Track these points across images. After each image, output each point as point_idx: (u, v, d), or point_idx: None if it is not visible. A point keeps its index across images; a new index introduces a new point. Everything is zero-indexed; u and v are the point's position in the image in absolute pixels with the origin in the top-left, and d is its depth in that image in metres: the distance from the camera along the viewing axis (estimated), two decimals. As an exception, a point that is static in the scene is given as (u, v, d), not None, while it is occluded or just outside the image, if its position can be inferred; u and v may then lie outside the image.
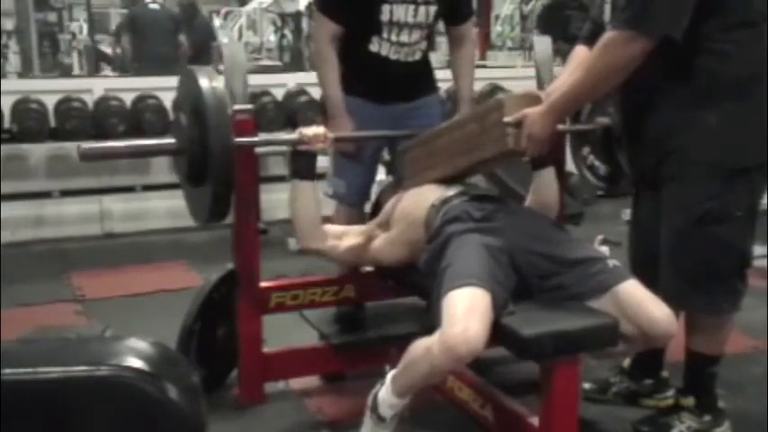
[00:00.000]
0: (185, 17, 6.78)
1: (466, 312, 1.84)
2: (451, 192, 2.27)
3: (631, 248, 2.49)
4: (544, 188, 2.37)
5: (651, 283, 2.06)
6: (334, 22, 2.64)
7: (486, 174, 2.79)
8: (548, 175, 2.36)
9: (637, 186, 2.46)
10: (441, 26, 2.99)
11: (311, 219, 2.35)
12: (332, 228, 2.44)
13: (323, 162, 2.84)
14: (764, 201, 2.85)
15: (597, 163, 2.61)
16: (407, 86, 2.74)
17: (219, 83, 2.25)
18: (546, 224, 2.25)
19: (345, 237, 2.41)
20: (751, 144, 2.15)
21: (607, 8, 2.24)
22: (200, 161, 2.23)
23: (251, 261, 2.53)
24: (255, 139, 2.42)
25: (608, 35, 2.05)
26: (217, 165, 2.19)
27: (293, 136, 2.33)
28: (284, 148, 2.52)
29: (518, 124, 2.12)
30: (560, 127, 2.27)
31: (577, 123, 2.53)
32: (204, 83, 2.22)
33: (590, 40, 2.24)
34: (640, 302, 1.98)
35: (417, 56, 2.73)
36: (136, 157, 4.20)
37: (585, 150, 2.60)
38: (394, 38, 2.64)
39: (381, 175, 3.03)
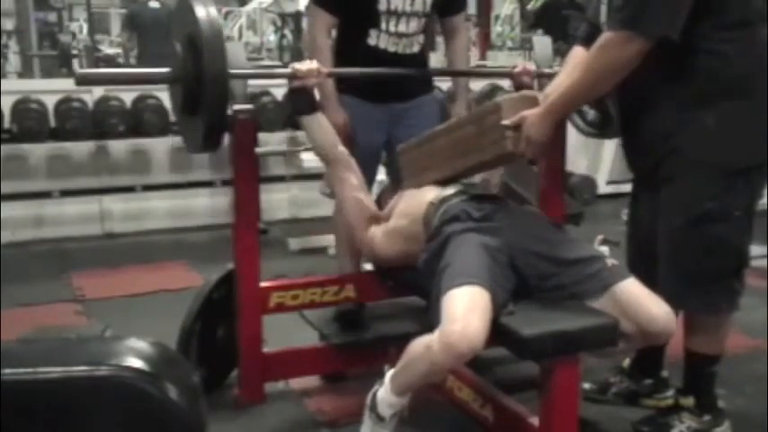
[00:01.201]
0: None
1: (466, 310, 1.84)
2: (450, 191, 2.27)
3: (629, 248, 2.49)
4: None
5: (649, 282, 2.06)
6: (330, 13, 2.65)
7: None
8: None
9: (635, 186, 2.46)
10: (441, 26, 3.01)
11: (330, 141, 2.42)
12: (358, 172, 2.44)
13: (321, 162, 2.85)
14: (764, 201, 2.85)
15: (586, 108, 2.62)
16: (405, 84, 2.74)
17: (214, 11, 2.25)
18: (545, 224, 2.25)
19: (363, 192, 2.45)
20: (749, 144, 2.15)
21: (603, 9, 2.24)
22: (194, 89, 2.23)
23: (251, 261, 2.53)
24: (248, 71, 2.41)
25: (605, 36, 2.05)
26: (211, 92, 2.19)
27: (287, 70, 2.34)
28: (284, 148, 2.52)
29: (516, 127, 2.13)
30: (544, 70, 2.28)
31: None
32: (200, 11, 2.22)
33: (587, 41, 2.24)
34: (639, 301, 1.99)
35: (415, 48, 2.73)
36: (132, 84, 4.15)
37: None
38: (392, 28, 2.64)
39: (381, 175, 3.03)
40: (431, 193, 2.27)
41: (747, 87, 2.12)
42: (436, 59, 5.74)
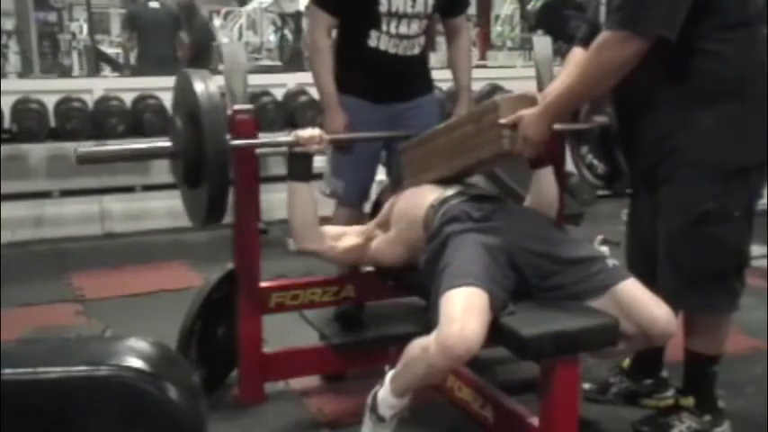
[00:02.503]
0: (184, 17, 6.77)
1: (463, 311, 1.84)
2: (450, 192, 2.27)
3: (628, 248, 2.49)
4: (544, 188, 2.36)
5: (648, 282, 2.06)
6: (330, 14, 2.64)
7: (485, 173, 2.79)
8: (547, 176, 2.36)
9: (634, 186, 2.46)
10: (441, 27, 3.01)
11: (308, 220, 2.34)
12: (330, 229, 2.44)
13: (320, 162, 2.85)
14: (764, 201, 2.84)
15: (596, 162, 2.60)
16: (405, 84, 2.74)
17: (214, 86, 2.25)
18: (545, 224, 2.25)
19: (344, 237, 2.41)
20: (749, 144, 2.15)
21: (603, 9, 2.24)
22: (195, 163, 2.23)
23: (251, 261, 2.53)
24: (251, 141, 2.42)
25: (603, 36, 2.05)
26: (212, 167, 2.19)
27: (289, 138, 2.33)
28: (284, 148, 2.52)
29: (513, 126, 2.13)
30: (557, 126, 2.27)
31: (575, 122, 2.53)
32: (199, 86, 2.22)
33: (586, 42, 2.24)
34: (640, 301, 1.99)
35: (416, 50, 2.73)
36: (132, 161, 4.19)
37: (584, 149, 2.60)
38: (393, 30, 2.64)
39: (381, 175, 3.03)
40: (431, 196, 2.27)
41: (746, 88, 2.12)
42: (436, 60, 5.74)
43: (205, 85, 2.22)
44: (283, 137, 2.43)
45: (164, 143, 2.37)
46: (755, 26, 2.13)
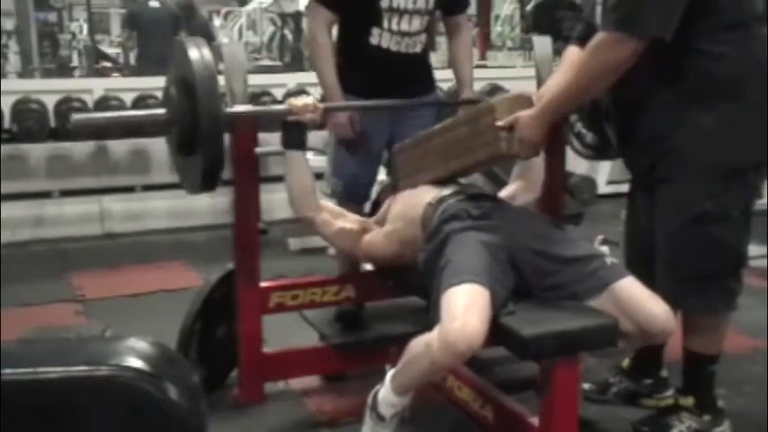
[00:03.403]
0: (183, 17, 6.78)
1: (465, 308, 1.84)
2: (447, 191, 2.27)
3: (626, 247, 2.49)
4: (531, 164, 2.37)
5: (647, 282, 2.06)
6: (331, 10, 2.63)
7: (484, 172, 2.79)
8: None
9: (632, 186, 2.46)
10: (441, 26, 3.01)
11: (304, 188, 2.38)
12: (330, 205, 2.45)
13: (321, 162, 2.85)
14: (764, 201, 2.85)
15: (584, 131, 2.62)
16: (407, 83, 2.73)
17: (209, 53, 2.25)
18: (544, 222, 2.26)
19: (341, 218, 2.42)
20: (746, 144, 2.15)
21: (599, 9, 2.24)
22: (190, 131, 2.23)
23: (251, 261, 2.53)
24: (245, 109, 2.41)
25: (598, 37, 2.05)
26: (207, 134, 2.19)
27: (282, 107, 2.34)
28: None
29: (510, 128, 2.13)
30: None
31: None
32: (193, 53, 2.21)
33: (582, 41, 2.24)
34: (639, 299, 1.99)
35: (418, 48, 2.72)
36: (127, 128, 4.17)
37: (573, 118, 2.62)
38: (395, 26, 2.63)
39: (381, 175, 3.03)
40: (428, 195, 2.27)
41: (744, 88, 2.12)
42: (436, 59, 5.74)
43: (200, 53, 2.22)
44: (276, 107, 2.42)
45: (158, 111, 2.37)
46: (753, 26, 2.14)
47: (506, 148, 2.15)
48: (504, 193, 2.45)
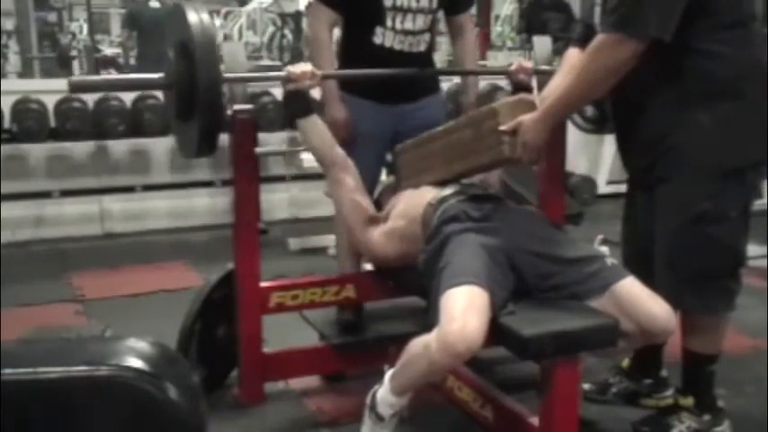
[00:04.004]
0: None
1: (464, 310, 1.84)
2: (448, 191, 2.27)
3: (625, 247, 2.49)
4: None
5: (645, 282, 2.06)
6: (333, 9, 2.63)
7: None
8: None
9: (630, 186, 2.46)
10: (441, 26, 3.00)
11: (327, 143, 2.41)
12: (356, 174, 2.44)
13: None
14: (763, 201, 2.85)
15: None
16: (411, 83, 2.72)
17: (208, 17, 2.25)
18: (544, 223, 2.26)
19: (359, 194, 2.43)
20: (745, 144, 2.15)
21: (597, 9, 2.24)
22: (188, 95, 2.23)
23: (251, 261, 2.53)
24: (243, 75, 2.41)
25: (598, 38, 2.05)
26: (205, 97, 2.19)
27: (281, 74, 2.35)
28: (284, 148, 2.52)
29: (513, 132, 2.13)
30: (541, 67, 2.28)
31: None
32: (192, 17, 2.21)
33: (582, 43, 2.24)
34: (639, 299, 1.99)
35: (422, 47, 2.70)
36: (126, 90, 4.14)
37: None
38: (398, 25, 2.62)
39: (382, 175, 3.02)
40: (429, 194, 2.27)
41: (743, 88, 2.12)
42: (437, 59, 5.74)
43: (199, 17, 2.22)
44: (274, 73, 2.42)
45: (157, 75, 2.37)
46: (750, 26, 2.14)
47: (509, 152, 2.15)
48: None
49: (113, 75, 7.62)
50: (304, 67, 2.34)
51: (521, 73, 2.66)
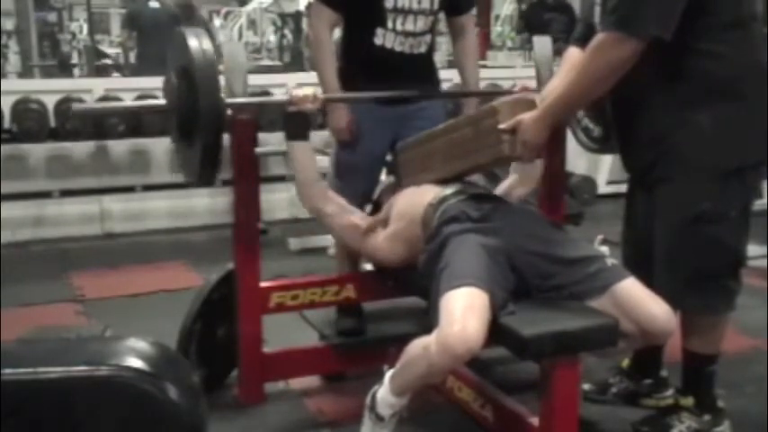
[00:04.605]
0: (182, 17, 6.77)
1: (464, 312, 1.84)
2: (448, 191, 2.27)
3: (625, 247, 2.49)
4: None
5: (644, 282, 2.06)
6: (334, 10, 2.62)
7: (485, 172, 2.79)
8: None
9: (630, 186, 2.46)
10: (441, 26, 3.00)
11: (310, 177, 2.41)
12: (338, 198, 2.45)
13: (322, 162, 2.84)
14: (763, 201, 2.84)
15: (591, 125, 2.63)
16: (411, 84, 2.71)
17: (209, 43, 2.25)
18: (544, 223, 2.25)
19: (349, 214, 2.43)
20: (745, 144, 2.15)
21: (597, 9, 2.24)
22: (190, 120, 2.23)
23: (251, 261, 2.53)
24: (245, 100, 2.42)
25: (598, 37, 2.05)
26: (206, 123, 2.20)
27: (283, 98, 2.35)
28: (284, 148, 2.52)
29: (513, 130, 2.13)
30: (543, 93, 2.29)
31: None
32: (193, 43, 2.22)
33: (582, 42, 2.24)
34: (639, 300, 1.99)
35: (423, 48, 2.69)
36: (128, 115, 4.16)
37: (580, 113, 2.62)
38: (399, 26, 2.61)
39: (382, 175, 3.02)
40: (429, 194, 2.27)
41: (743, 88, 2.12)
42: (437, 59, 5.74)
43: (199, 42, 2.22)
44: (277, 98, 2.43)
45: (159, 101, 2.38)
46: (752, 26, 2.14)
47: (509, 151, 2.15)
48: (501, 187, 2.45)
49: (115, 76, 7.62)
50: (306, 90, 2.35)
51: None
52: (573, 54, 2.34)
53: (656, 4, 1.99)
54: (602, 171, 5.69)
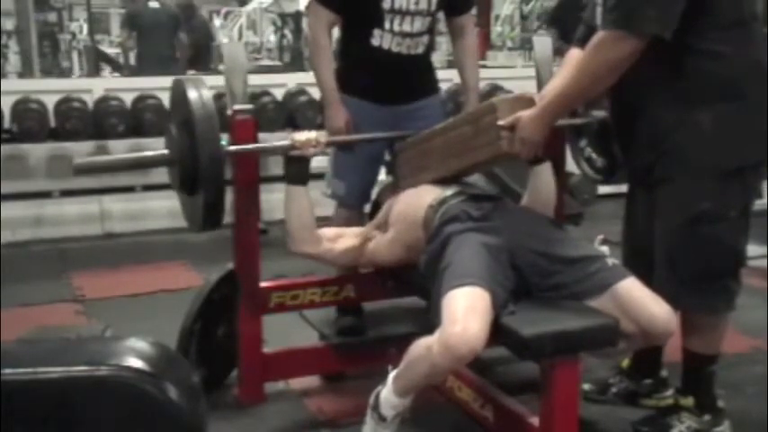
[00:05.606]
0: (183, 17, 6.77)
1: (465, 312, 1.84)
2: (449, 192, 2.27)
3: (625, 247, 2.49)
4: (542, 185, 2.36)
5: (644, 281, 2.06)
6: (332, 11, 2.62)
7: (484, 172, 2.78)
8: (545, 172, 2.36)
9: (630, 186, 2.46)
10: (441, 26, 3.00)
11: (304, 223, 2.36)
12: (327, 231, 2.44)
13: (322, 162, 2.84)
14: (763, 201, 2.84)
15: (594, 156, 2.62)
16: (409, 85, 2.71)
17: (208, 93, 2.25)
18: (544, 223, 2.25)
19: (341, 239, 2.42)
20: (745, 144, 2.15)
21: (599, 10, 2.24)
22: (191, 171, 2.24)
23: (251, 261, 2.53)
24: (246, 147, 2.42)
25: (598, 36, 2.05)
26: (207, 174, 2.21)
27: (285, 142, 2.34)
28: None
29: (511, 128, 2.13)
30: (558, 122, 2.28)
31: (575, 117, 2.54)
32: (192, 94, 2.22)
33: (583, 43, 2.24)
34: (639, 300, 1.99)
35: (420, 49, 2.69)
36: (129, 170, 4.18)
37: (583, 143, 2.61)
38: (396, 27, 2.61)
39: (381, 175, 3.02)
40: (429, 196, 2.27)
41: (743, 87, 2.12)
42: (436, 60, 5.74)
43: (199, 93, 2.23)
44: (280, 141, 2.44)
45: (160, 152, 2.39)
46: (752, 26, 2.14)
47: (508, 148, 2.15)
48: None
49: (115, 76, 7.62)
50: (308, 134, 2.33)
51: None
52: (574, 55, 2.34)
53: (656, 3, 1.99)
54: (602, 171, 5.68)
